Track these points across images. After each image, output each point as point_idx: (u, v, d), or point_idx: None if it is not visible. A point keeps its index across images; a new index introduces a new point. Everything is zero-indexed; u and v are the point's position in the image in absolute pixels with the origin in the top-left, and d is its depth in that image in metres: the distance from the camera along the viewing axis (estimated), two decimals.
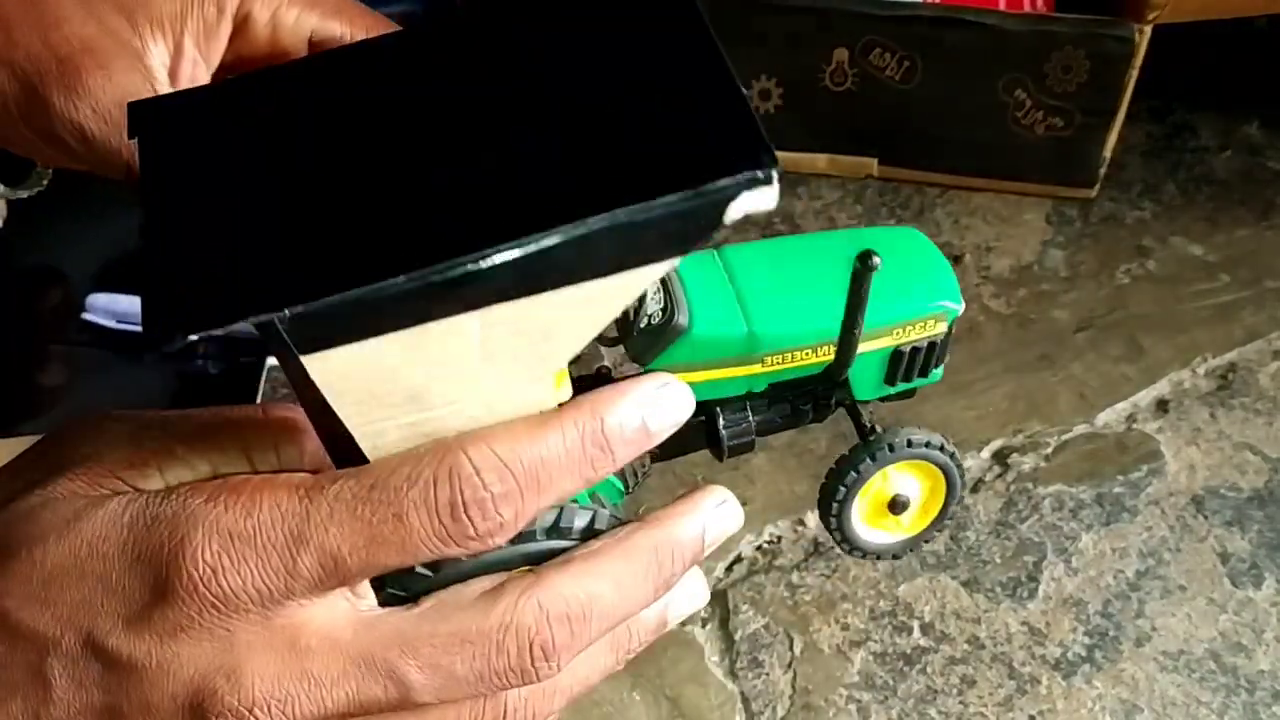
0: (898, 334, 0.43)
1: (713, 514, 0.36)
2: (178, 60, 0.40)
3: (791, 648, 0.57)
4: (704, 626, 0.57)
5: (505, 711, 0.32)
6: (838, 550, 0.44)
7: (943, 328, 0.44)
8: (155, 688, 0.29)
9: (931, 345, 0.44)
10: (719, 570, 0.59)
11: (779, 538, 0.60)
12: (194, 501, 0.29)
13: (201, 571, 0.28)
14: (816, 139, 0.75)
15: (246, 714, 0.29)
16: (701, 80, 0.26)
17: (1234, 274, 0.72)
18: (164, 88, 0.39)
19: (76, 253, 0.66)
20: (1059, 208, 0.75)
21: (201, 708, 0.29)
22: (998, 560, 0.59)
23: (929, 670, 0.56)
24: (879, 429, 0.46)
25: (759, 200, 0.24)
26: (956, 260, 0.72)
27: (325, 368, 0.26)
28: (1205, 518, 0.61)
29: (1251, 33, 0.80)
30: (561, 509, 0.33)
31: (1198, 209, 0.75)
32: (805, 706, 0.55)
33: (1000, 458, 0.63)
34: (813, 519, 0.61)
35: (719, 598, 0.58)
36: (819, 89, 0.73)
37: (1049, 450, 0.64)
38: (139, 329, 0.25)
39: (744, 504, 0.61)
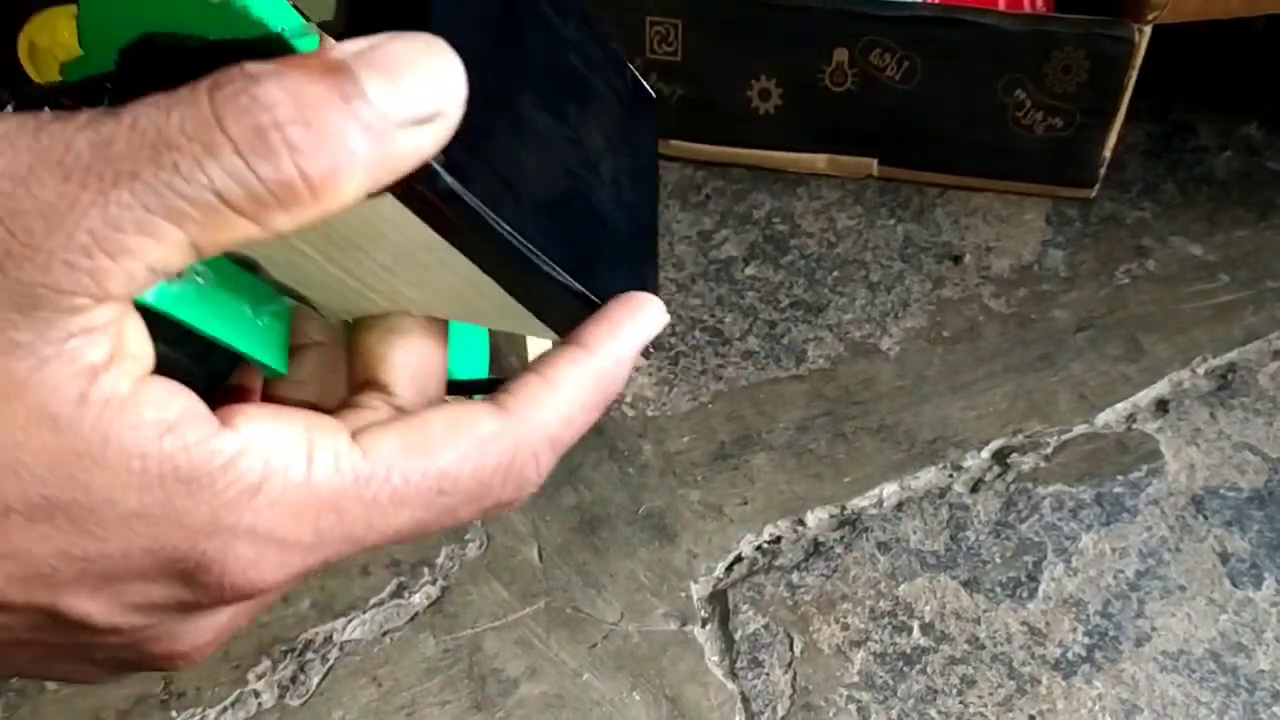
0: None
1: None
2: None
3: (791, 648, 0.57)
4: (704, 627, 0.57)
5: None
6: (838, 550, 0.44)
7: None
8: None
9: None
10: (719, 570, 0.59)
11: (779, 538, 0.60)
12: None
13: None
14: (816, 139, 0.75)
15: (183, 663, 0.30)
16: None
17: (1233, 274, 0.72)
18: None
19: None
20: (1059, 208, 0.75)
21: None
22: (998, 560, 0.59)
23: (929, 670, 0.56)
24: None
25: None
26: (957, 260, 0.72)
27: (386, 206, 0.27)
28: (1205, 518, 0.61)
29: (1251, 33, 0.80)
30: None
31: (1197, 209, 0.75)
32: (805, 706, 0.55)
33: (1000, 457, 0.63)
34: (813, 519, 0.61)
35: (719, 598, 0.58)
36: (819, 89, 0.73)
37: (1049, 450, 0.64)
38: None
39: (743, 504, 0.61)
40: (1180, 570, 0.59)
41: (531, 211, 0.29)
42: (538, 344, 0.64)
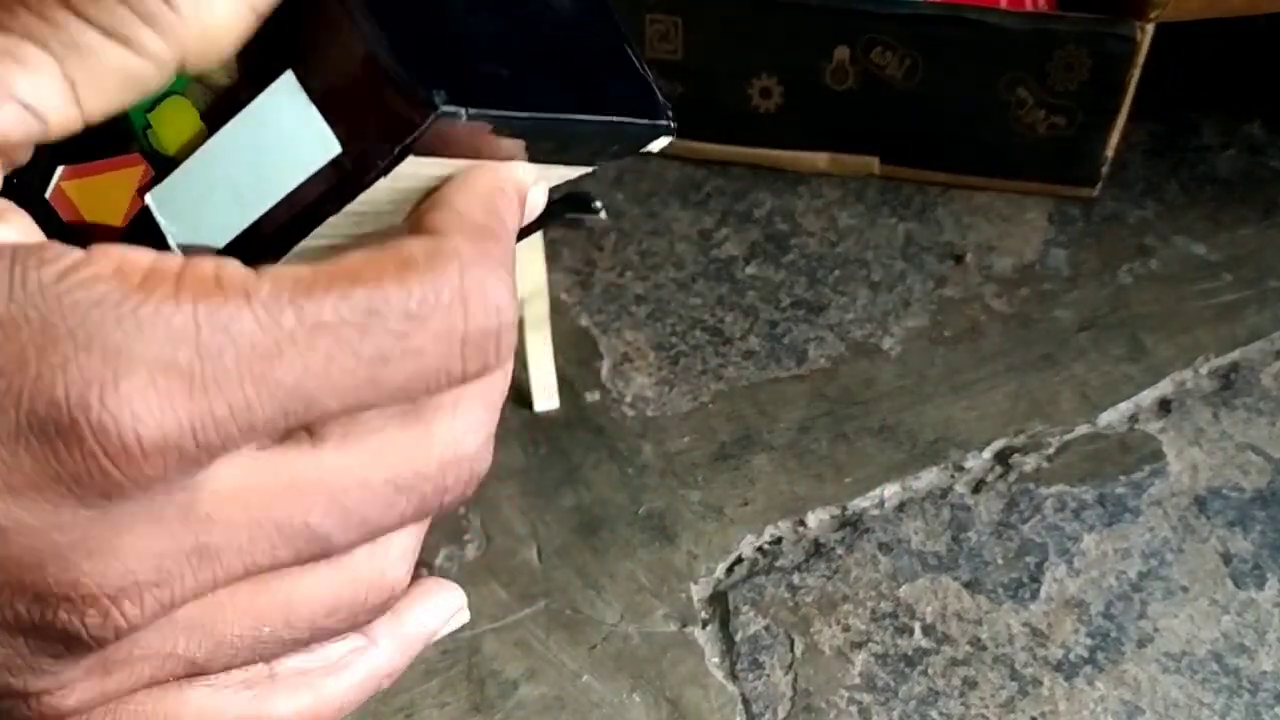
0: None
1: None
2: None
3: (792, 649, 0.56)
4: (704, 628, 0.57)
5: None
6: (839, 551, 0.44)
7: None
8: None
9: None
10: (719, 571, 0.59)
11: (779, 539, 0.60)
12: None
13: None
14: (818, 138, 0.75)
15: (109, 604, 0.22)
16: (615, 50, 0.31)
17: (1236, 273, 0.72)
18: None
19: None
20: (1061, 207, 0.75)
21: (47, 593, 0.22)
22: (999, 561, 0.59)
23: (930, 672, 0.56)
24: None
25: (662, 143, 0.31)
26: (958, 259, 0.72)
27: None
28: (1208, 518, 0.61)
29: (1253, 32, 0.80)
30: None
31: (1200, 208, 0.75)
32: (806, 708, 0.54)
33: (1002, 458, 0.63)
34: (814, 519, 0.61)
35: (719, 599, 0.58)
36: (820, 88, 0.73)
37: (1051, 450, 0.64)
38: None
39: (744, 504, 0.61)
40: (1183, 571, 0.59)
41: (529, 76, 0.27)
42: (536, 337, 0.64)
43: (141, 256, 0.22)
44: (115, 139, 0.27)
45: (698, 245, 0.72)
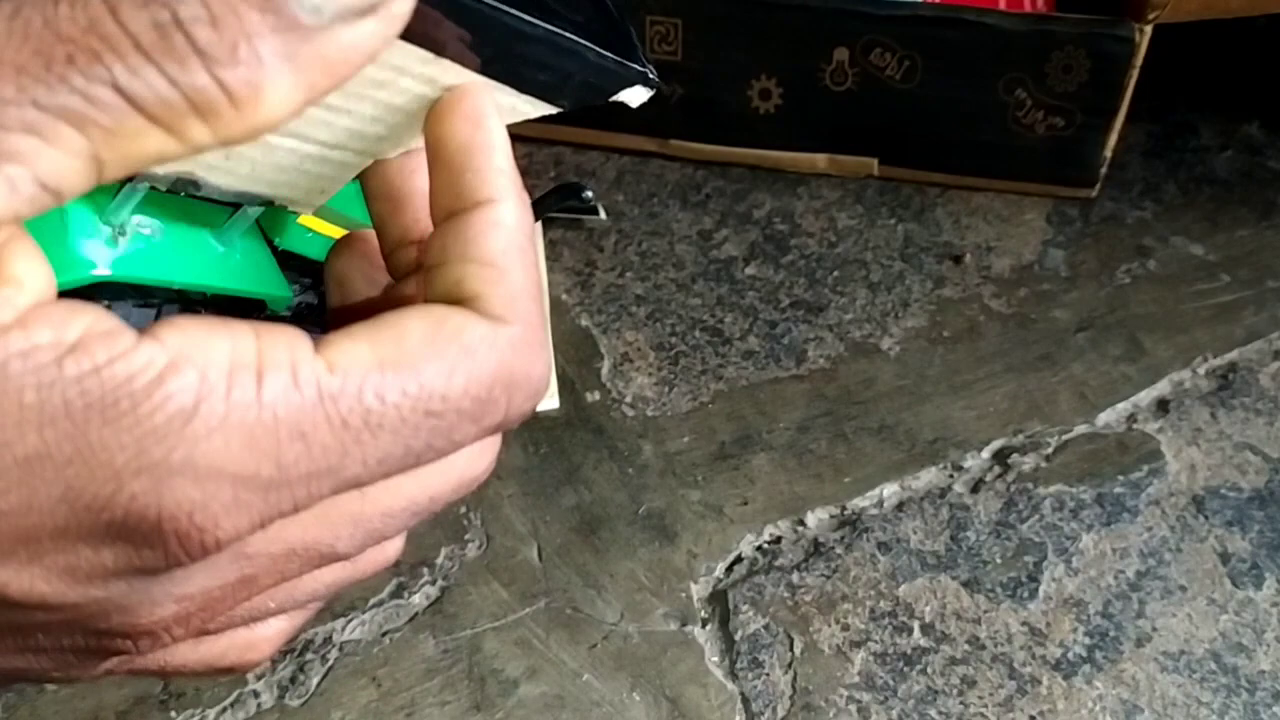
0: None
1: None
2: None
3: (792, 648, 0.56)
4: (704, 627, 0.57)
5: None
6: (838, 550, 0.44)
7: None
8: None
9: None
10: (719, 570, 0.59)
11: (779, 538, 0.60)
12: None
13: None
14: (816, 139, 0.75)
15: (162, 632, 0.25)
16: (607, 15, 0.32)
17: (1235, 274, 0.72)
18: None
19: None
20: (1059, 207, 0.75)
21: (108, 633, 0.24)
22: (998, 560, 0.59)
23: (929, 671, 0.56)
24: None
25: (640, 95, 0.31)
26: (957, 260, 0.72)
27: None
28: (1206, 518, 0.61)
29: (1252, 32, 0.80)
30: None
31: (1198, 209, 0.75)
32: (805, 707, 0.55)
33: (1001, 458, 0.63)
34: (813, 519, 0.61)
35: (719, 598, 0.58)
36: (819, 89, 0.73)
37: (1049, 450, 0.64)
38: None
39: (744, 504, 0.61)
40: (1181, 570, 0.59)
41: None
42: None
43: (219, 355, 0.22)
44: None
45: (698, 246, 0.72)
